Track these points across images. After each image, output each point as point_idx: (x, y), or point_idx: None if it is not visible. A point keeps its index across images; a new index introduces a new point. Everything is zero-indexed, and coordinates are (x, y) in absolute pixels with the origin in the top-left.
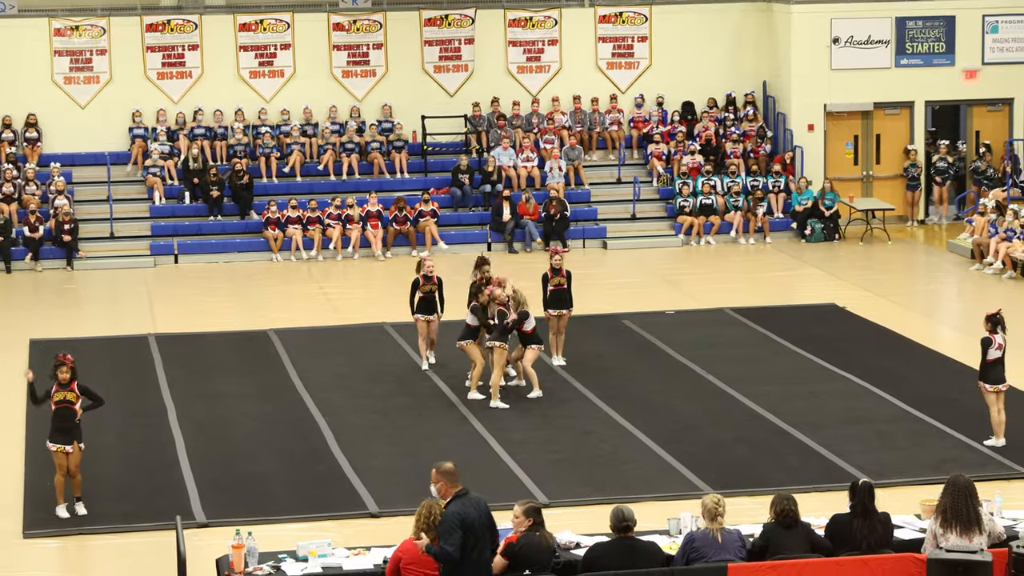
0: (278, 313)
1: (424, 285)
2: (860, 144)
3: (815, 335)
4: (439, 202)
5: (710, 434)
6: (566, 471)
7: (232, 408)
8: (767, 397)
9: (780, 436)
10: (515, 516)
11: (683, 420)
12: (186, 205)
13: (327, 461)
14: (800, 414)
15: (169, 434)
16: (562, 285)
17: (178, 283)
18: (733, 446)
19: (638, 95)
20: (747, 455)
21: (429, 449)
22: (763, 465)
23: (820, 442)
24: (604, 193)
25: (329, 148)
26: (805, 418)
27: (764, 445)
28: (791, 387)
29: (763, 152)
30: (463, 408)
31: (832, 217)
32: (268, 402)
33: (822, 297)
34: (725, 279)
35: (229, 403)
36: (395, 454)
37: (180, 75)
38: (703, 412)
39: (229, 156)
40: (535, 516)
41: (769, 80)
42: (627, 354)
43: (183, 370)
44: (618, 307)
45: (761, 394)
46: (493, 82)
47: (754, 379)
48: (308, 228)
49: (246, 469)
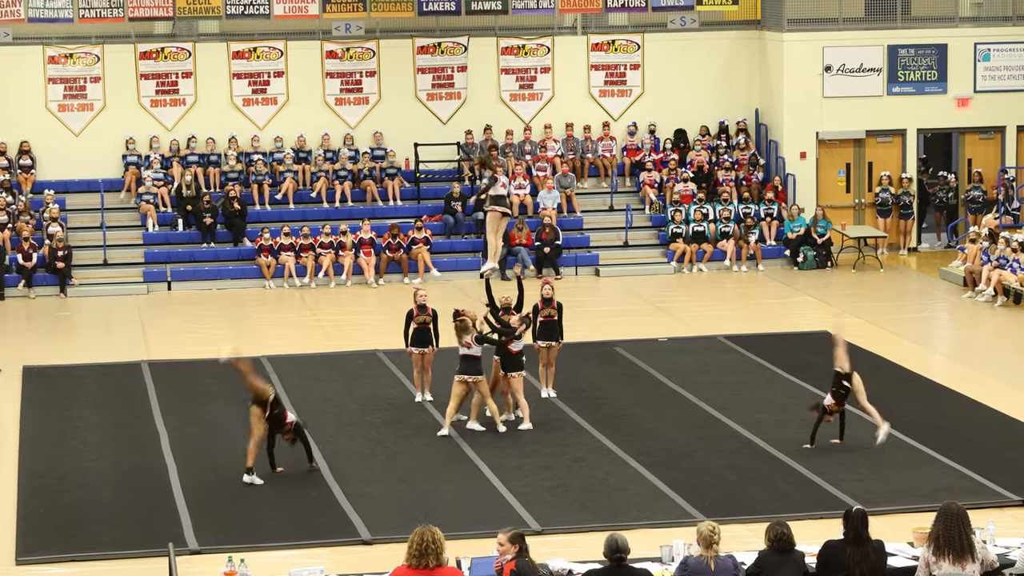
0: (271, 340)
1: (418, 316)
2: (852, 172)
3: (808, 363)
4: (432, 229)
5: (703, 461)
6: (559, 498)
7: (225, 435)
8: (760, 424)
9: (773, 463)
10: (500, 543)
11: (676, 447)
12: (179, 232)
13: (320, 488)
14: (793, 441)
15: (162, 460)
16: (552, 316)
17: (171, 310)
18: (726, 473)
19: (631, 123)
20: (740, 482)
21: (422, 476)
22: (756, 492)
23: (813, 469)
24: (596, 220)
25: (322, 175)
26: (798, 446)
27: (757, 472)
28: (784, 414)
29: (755, 180)
30: (456, 435)
31: (824, 244)
32: None
33: (815, 325)
34: (717, 306)
35: (222, 430)
36: (388, 481)
37: (174, 102)
38: (696, 439)
39: (222, 183)
40: (520, 543)
41: (761, 108)
42: (620, 381)
43: (176, 396)
44: (610, 334)
45: (754, 421)
46: (486, 110)
47: (747, 406)
48: (301, 255)
49: (239, 496)
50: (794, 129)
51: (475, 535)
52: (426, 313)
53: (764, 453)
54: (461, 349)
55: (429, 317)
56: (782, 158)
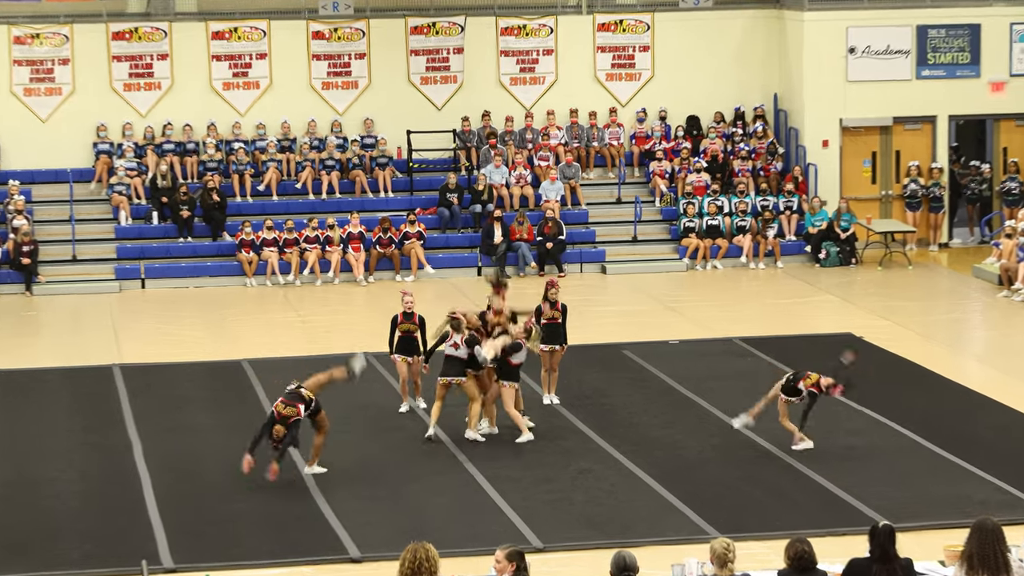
0: (252, 342)
1: (403, 323)
2: (878, 161)
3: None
4: (425, 223)
5: (717, 473)
6: (561, 512)
7: (202, 444)
8: (778, 433)
9: (792, 475)
10: (497, 561)
11: (688, 457)
12: (154, 226)
13: (304, 501)
14: (814, 452)
15: (135, 471)
16: (556, 319)
17: (145, 310)
18: (741, 486)
19: (640, 109)
20: (757, 495)
21: (415, 489)
22: (774, 506)
23: (836, 482)
24: (603, 214)
25: (308, 165)
26: (819, 456)
27: (775, 485)
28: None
29: (774, 170)
30: (452, 445)
31: (848, 240)
32: (241, 437)
33: (837, 326)
34: (733, 306)
35: (199, 438)
36: (378, 494)
37: (148, 86)
38: (710, 449)
39: (200, 173)
40: (518, 561)
41: (780, 93)
42: (627, 386)
43: (150, 403)
44: (618, 336)
45: (772, 430)
46: (484, 95)
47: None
48: (285, 251)
49: (217, 510)
50: (816, 116)
51: (471, 552)
52: (412, 321)
53: (783, 464)
54: (448, 349)
55: (415, 326)
56: (803, 147)
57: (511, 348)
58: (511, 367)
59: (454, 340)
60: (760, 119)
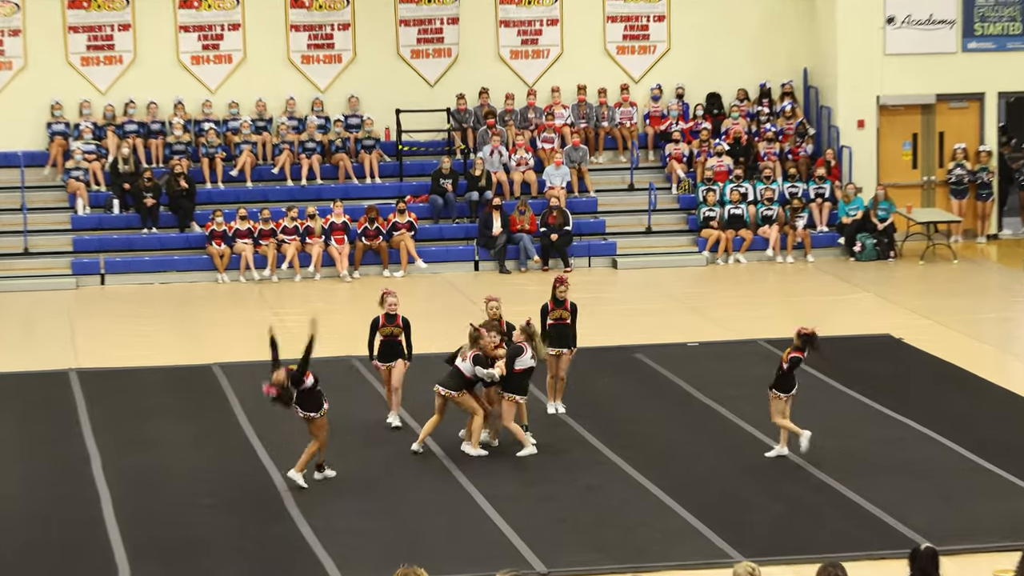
0: (224, 344)
1: (385, 326)
2: (920, 144)
3: (866, 372)
4: (416, 212)
5: (740, 489)
6: (567, 534)
7: (169, 457)
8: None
9: (824, 492)
10: None
11: (708, 473)
12: (115, 215)
13: (283, 521)
14: (848, 466)
15: (93, 488)
16: (564, 319)
17: (105, 308)
18: (768, 504)
19: (654, 85)
20: (785, 515)
21: (405, 507)
22: (804, 527)
23: (873, 499)
24: (614, 202)
25: (286, 148)
26: (854, 471)
27: (805, 503)
28: (837, 434)
29: (803, 153)
30: (445, 459)
31: (886, 231)
32: (212, 450)
33: (874, 327)
34: (758, 305)
35: (165, 451)
36: (364, 513)
37: (108, 60)
38: (731, 463)
39: (166, 157)
40: None
41: (811, 68)
42: (641, 393)
43: (110, 412)
44: (630, 338)
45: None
46: (481, 70)
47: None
48: (260, 243)
49: (185, 531)
50: (850, 93)
51: None
52: (395, 324)
53: (814, 480)
54: (457, 360)
55: (398, 329)
56: (836, 127)
57: (512, 353)
58: (515, 375)
59: (464, 351)
60: (788, 97)
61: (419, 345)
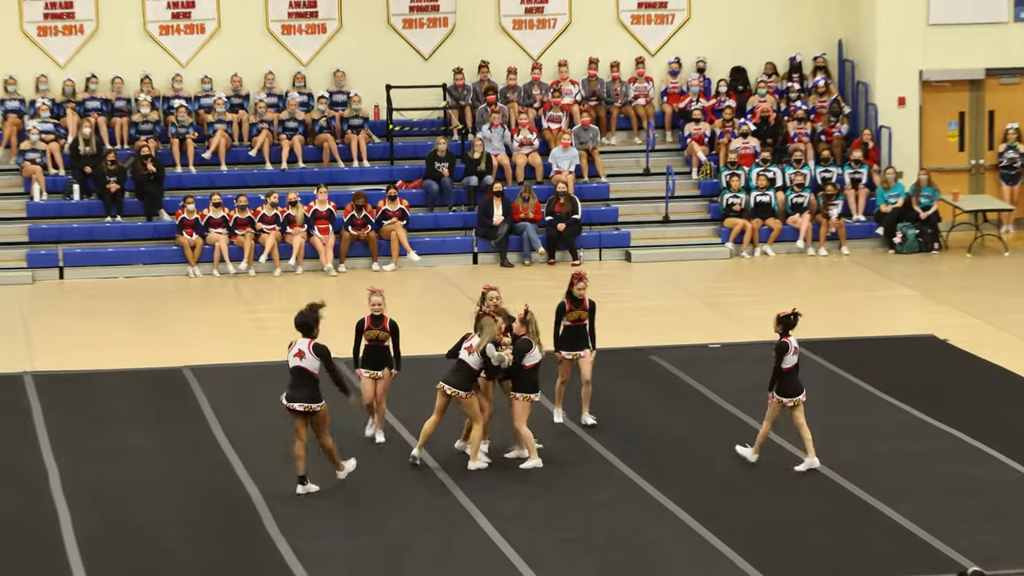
0: (196, 345)
1: (370, 329)
2: (967, 124)
3: (907, 377)
4: (409, 199)
5: (766, 507)
6: (576, 556)
7: (135, 471)
8: (843, 458)
9: (861, 511)
10: None
11: (730, 488)
12: (75, 202)
13: (261, 541)
14: (887, 481)
15: (51, 506)
16: (583, 320)
17: (64, 305)
18: (798, 523)
19: (672, 59)
20: (817, 535)
21: (395, 526)
22: (839, 548)
23: (915, 519)
24: (627, 188)
25: (264, 127)
26: (893, 486)
27: (840, 522)
28: (876, 446)
29: (838, 134)
30: (440, 472)
31: (930, 220)
32: (182, 463)
33: (916, 326)
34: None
35: (131, 464)
36: (350, 532)
37: (68, 30)
38: (757, 477)
39: (132, 137)
40: None
41: (846, 39)
42: (657, 400)
43: (70, 420)
44: (645, 339)
45: (835, 454)
46: (480, 41)
47: (826, 435)
48: (236, 233)
49: (153, 552)
50: (890, 67)
51: None
52: (381, 326)
53: (851, 498)
54: (462, 352)
55: (385, 332)
56: (874, 105)
57: (522, 349)
58: (525, 372)
59: (470, 343)
60: (821, 71)
61: (413, 347)
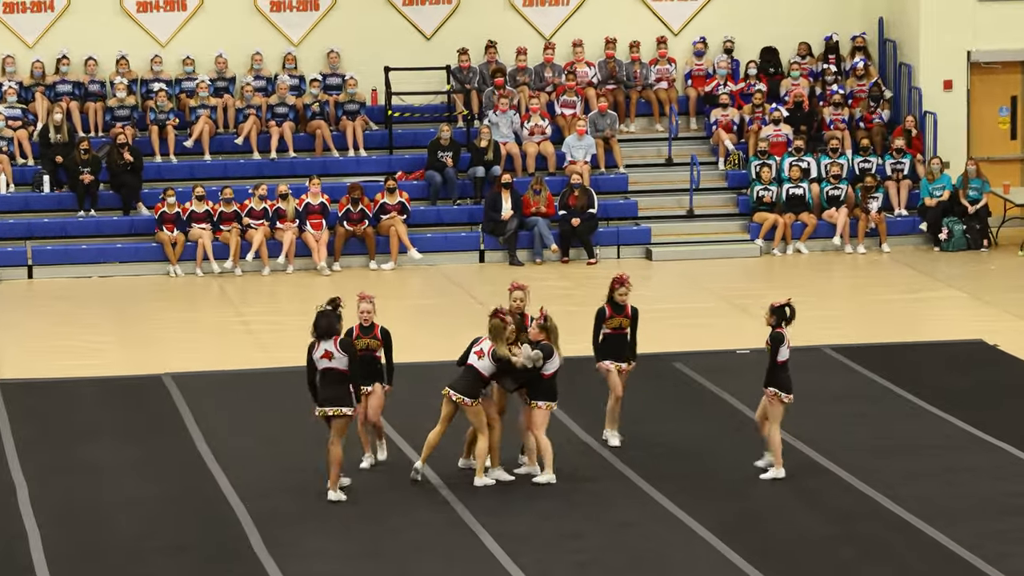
0: (177, 351)
1: (360, 338)
2: (1020, 109)
3: (954, 385)
4: (409, 192)
5: (798, 526)
6: None
7: (109, 487)
8: (883, 474)
9: (902, 531)
10: None
11: (759, 505)
12: (45, 195)
13: (247, 563)
14: (932, 500)
15: (19, 524)
16: (624, 328)
17: (33, 307)
18: (833, 544)
19: (698, 38)
20: (854, 557)
21: (393, 546)
22: (878, 572)
23: (961, 541)
24: (648, 179)
25: (251, 113)
26: (939, 506)
27: (878, 543)
28: (919, 460)
29: (878, 121)
30: (443, 488)
31: (978, 215)
32: (162, 478)
33: (963, 331)
34: (822, 304)
35: (106, 480)
36: (344, 554)
37: (36, 7)
38: (788, 494)
39: (108, 124)
40: None
41: (887, 17)
42: (680, 410)
43: (40, 432)
44: (667, 344)
45: (874, 470)
46: (488, 19)
47: (864, 448)
48: (221, 228)
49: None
50: (935, 48)
51: None
52: (372, 335)
53: (890, 516)
54: (471, 356)
55: (375, 342)
56: (917, 89)
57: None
58: (544, 381)
59: (481, 346)
60: (860, 52)
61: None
